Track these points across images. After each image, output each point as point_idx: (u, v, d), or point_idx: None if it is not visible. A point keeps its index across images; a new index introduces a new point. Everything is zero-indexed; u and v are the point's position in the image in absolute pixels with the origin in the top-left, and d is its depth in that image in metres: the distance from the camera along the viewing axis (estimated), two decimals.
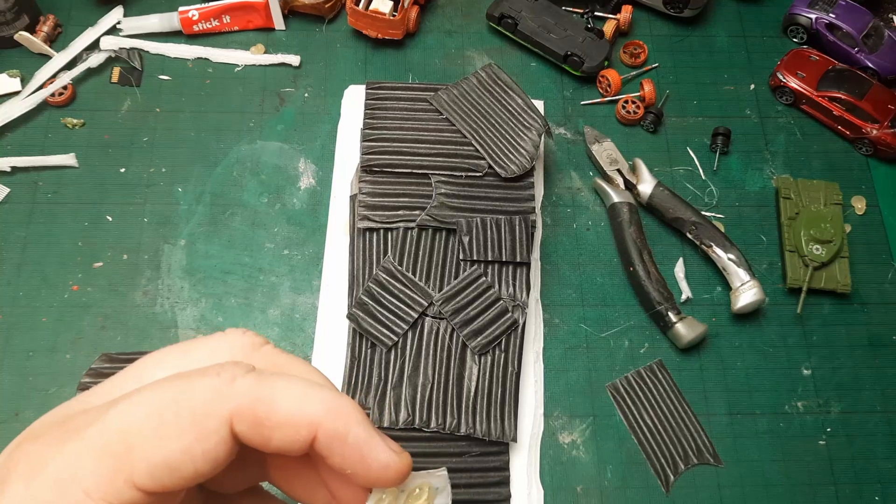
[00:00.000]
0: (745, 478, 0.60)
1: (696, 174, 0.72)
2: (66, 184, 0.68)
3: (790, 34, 0.79)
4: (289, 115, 0.72)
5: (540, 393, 0.62)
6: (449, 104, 0.66)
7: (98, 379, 0.60)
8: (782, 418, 0.63)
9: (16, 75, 0.71)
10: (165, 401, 0.25)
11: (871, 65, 0.75)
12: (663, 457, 0.60)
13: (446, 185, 0.62)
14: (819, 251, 0.66)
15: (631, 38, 0.78)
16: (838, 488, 0.60)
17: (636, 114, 0.73)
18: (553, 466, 0.60)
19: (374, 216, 0.61)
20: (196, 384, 0.25)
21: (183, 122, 0.71)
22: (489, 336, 0.59)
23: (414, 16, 0.75)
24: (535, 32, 0.74)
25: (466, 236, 0.61)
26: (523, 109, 0.66)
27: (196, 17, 0.74)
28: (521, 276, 0.61)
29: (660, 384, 0.63)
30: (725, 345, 0.65)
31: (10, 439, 0.27)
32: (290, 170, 0.70)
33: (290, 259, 0.66)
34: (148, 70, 0.73)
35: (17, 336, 0.62)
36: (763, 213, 0.70)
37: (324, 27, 0.77)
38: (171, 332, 0.63)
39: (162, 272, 0.65)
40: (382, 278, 0.60)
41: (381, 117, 0.65)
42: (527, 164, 0.63)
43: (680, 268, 0.67)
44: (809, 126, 0.75)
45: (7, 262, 0.65)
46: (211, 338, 0.29)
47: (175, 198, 0.68)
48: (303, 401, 0.26)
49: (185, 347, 0.28)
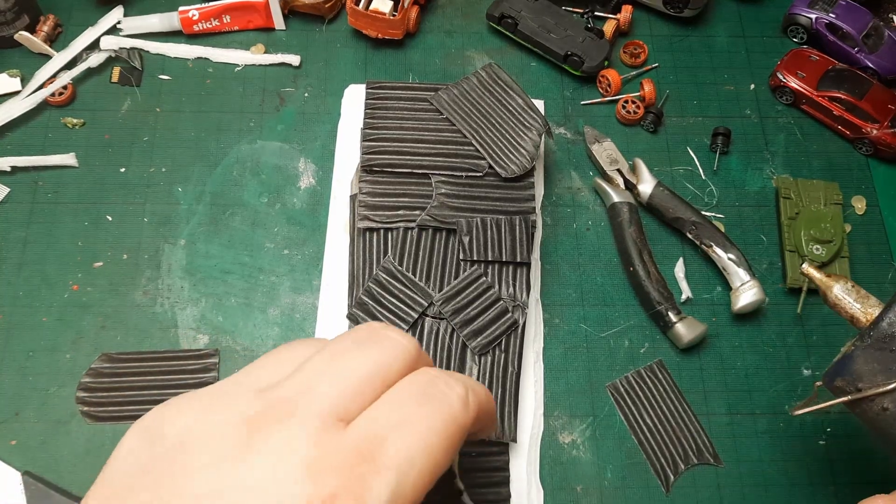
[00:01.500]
0: (745, 478, 0.60)
1: (696, 174, 0.72)
2: (66, 184, 0.68)
3: (790, 34, 0.79)
4: (289, 115, 0.72)
5: (540, 393, 0.62)
6: (449, 104, 0.66)
7: (98, 379, 0.60)
8: (782, 418, 0.63)
9: (16, 75, 0.71)
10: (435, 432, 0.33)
11: (871, 65, 0.75)
12: (663, 457, 0.60)
13: (446, 185, 0.63)
14: (819, 251, 0.66)
15: (631, 38, 0.78)
16: (838, 488, 0.60)
17: (636, 114, 0.73)
18: (553, 466, 0.60)
19: (375, 216, 0.61)
20: (456, 419, 0.34)
21: (183, 122, 0.71)
22: (489, 336, 0.59)
23: (414, 16, 0.75)
24: (535, 32, 0.74)
25: (466, 236, 0.61)
26: (523, 109, 0.66)
27: (196, 16, 0.74)
28: (522, 277, 0.61)
29: (660, 384, 0.63)
30: (725, 345, 0.65)
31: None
32: (290, 170, 0.70)
33: (290, 259, 0.66)
34: (148, 70, 0.73)
35: (17, 336, 0.62)
36: (763, 213, 0.70)
37: (324, 27, 0.77)
38: (171, 331, 0.63)
39: (162, 272, 0.65)
40: (382, 278, 0.60)
41: (381, 117, 0.65)
42: (527, 164, 0.63)
43: (680, 268, 0.67)
44: (809, 126, 0.75)
45: (7, 262, 0.65)
46: (379, 341, 0.35)
47: (175, 198, 0.68)
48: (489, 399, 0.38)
49: (341, 354, 0.34)
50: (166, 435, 0.31)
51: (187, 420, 0.31)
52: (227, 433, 0.30)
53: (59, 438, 0.58)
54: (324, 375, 0.32)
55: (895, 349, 0.44)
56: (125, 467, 0.31)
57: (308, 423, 0.30)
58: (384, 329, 0.36)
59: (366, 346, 0.34)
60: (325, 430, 0.30)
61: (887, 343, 0.44)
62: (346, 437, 0.30)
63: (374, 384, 0.33)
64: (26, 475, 0.56)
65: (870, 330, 0.45)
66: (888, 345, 0.44)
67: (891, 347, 0.44)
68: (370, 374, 0.33)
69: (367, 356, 0.33)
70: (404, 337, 0.35)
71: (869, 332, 0.45)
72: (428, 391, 0.34)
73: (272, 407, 0.31)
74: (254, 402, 0.31)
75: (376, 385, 0.33)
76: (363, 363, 0.33)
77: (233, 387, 0.33)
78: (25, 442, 0.58)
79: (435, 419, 0.33)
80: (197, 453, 0.30)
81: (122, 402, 0.60)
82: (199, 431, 0.30)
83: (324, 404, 0.31)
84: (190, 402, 0.32)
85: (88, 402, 0.60)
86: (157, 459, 0.30)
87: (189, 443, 0.30)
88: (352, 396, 0.32)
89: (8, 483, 0.56)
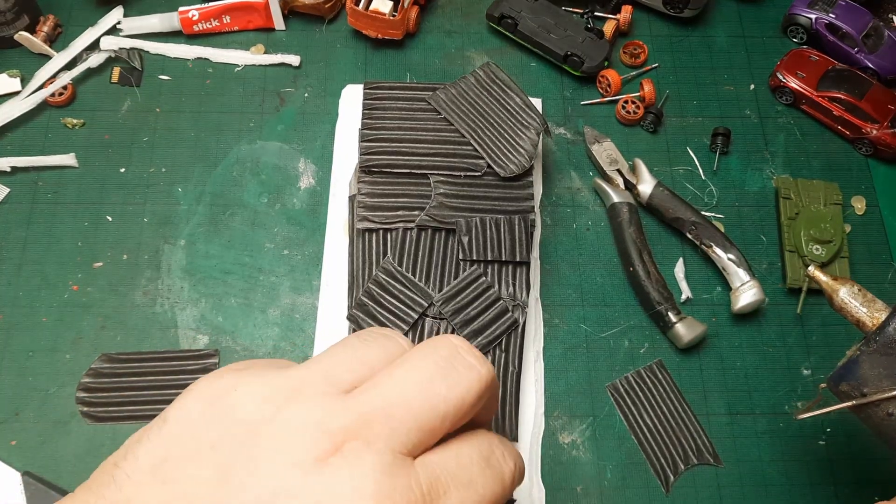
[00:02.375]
0: (745, 478, 0.60)
1: (695, 174, 0.72)
2: (66, 184, 0.68)
3: (790, 34, 0.79)
4: (289, 115, 0.72)
5: (540, 392, 0.62)
6: (447, 103, 0.66)
7: (98, 379, 0.60)
8: (782, 418, 0.63)
9: (16, 75, 0.71)
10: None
11: (871, 65, 0.75)
12: (663, 457, 0.60)
13: (445, 184, 0.63)
14: (819, 251, 0.66)
15: (631, 39, 0.78)
16: (838, 488, 0.60)
17: (636, 114, 0.73)
18: (553, 466, 0.60)
19: (374, 217, 0.61)
20: (505, 491, 0.34)
21: (183, 122, 0.71)
22: (489, 336, 0.59)
23: (414, 16, 0.75)
24: (535, 32, 0.74)
25: (466, 236, 0.61)
26: (522, 108, 0.66)
27: (196, 17, 0.74)
28: (521, 276, 0.61)
29: (660, 384, 0.63)
30: (725, 345, 0.65)
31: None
32: (290, 170, 0.70)
33: (290, 259, 0.66)
34: (148, 70, 0.73)
35: (17, 336, 0.62)
36: (763, 213, 0.70)
37: (324, 27, 0.77)
38: (171, 332, 0.63)
39: (162, 272, 0.65)
40: (382, 279, 0.60)
41: (379, 117, 0.65)
42: (526, 163, 0.63)
43: (680, 268, 0.67)
44: (809, 126, 0.75)
45: (7, 262, 0.65)
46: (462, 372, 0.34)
47: (175, 198, 0.68)
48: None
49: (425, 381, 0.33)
50: (238, 416, 0.30)
51: (263, 407, 0.30)
52: (307, 442, 0.29)
53: (59, 438, 0.58)
54: (404, 402, 0.31)
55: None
56: (189, 432, 0.30)
57: (384, 455, 0.30)
58: (466, 353, 0.34)
59: (447, 374, 0.33)
60: (396, 464, 0.30)
61: (893, 348, 0.44)
62: (414, 476, 0.30)
63: (446, 420, 0.32)
64: (26, 475, 0.56)
65: (876, 335, 0.45)
66: (894, 350, 0.44)
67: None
68: (454, 411, 0.32)
69: (448, 388, 0.32)
70: (484, 365, 0.34)
71: (875, 337, 0.45)
72: (490, 460, 0.34)
73: (353, 428, 0.30)
74: (335, 412, 0.30)
75: (448, 421, 0.32)
76: (442, 396, 0.32)
77: (308, 376, 0.32)
78: (25, 442, 0.58)
79: (489, 489, 0.33)
80: (270, 450, 0.29)
81: (122, 403, 0.60)
82: (278, 428, 0.30)
83: (400, 439, 0.31)
84: (264, 383, 0.31)
85: (88, 402, 0.60)
86: (227, 439, 0.30)
87: (264, 435, 0.30)
88: (426, 433, 0.32)
89: (8, 483, 0.56)
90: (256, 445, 0.29)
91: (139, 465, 0.30)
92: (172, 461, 0.30)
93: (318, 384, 0.32)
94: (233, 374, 0.32)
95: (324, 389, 0.32)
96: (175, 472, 0.29)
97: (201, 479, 0.29)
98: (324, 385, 0.32)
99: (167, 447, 0.30)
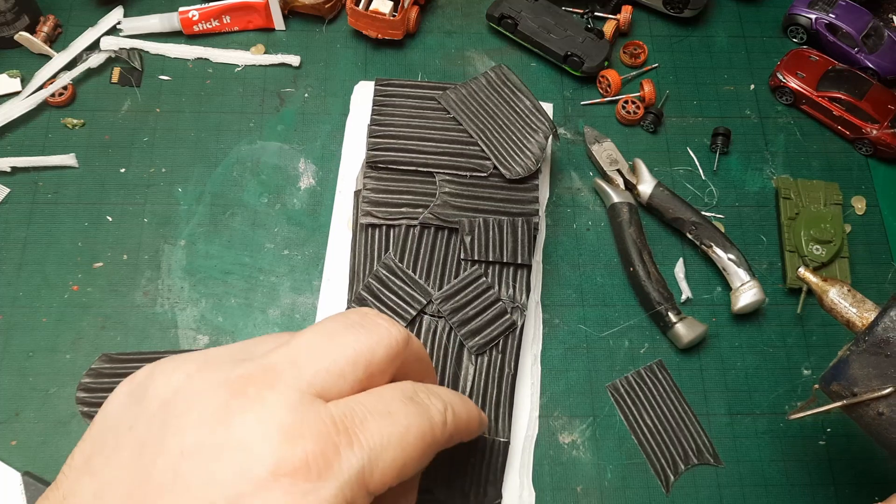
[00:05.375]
0: (745, 478, 0.60)
1: (695, 174, 0.72)
2: (66, 184, 0.68)
3: (790, 34, 0.79)
4: (289, 115, 0.72)
5: (536, 395, 0.62)
6: (457, 103, 0.66)
7: (98, 379, 0.60)
8: (782, 418, 0.63)
9: (16, 75, 0.71)
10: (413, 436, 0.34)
11: (870, 65, 0.75)
12: (663, 457, 0.60)
13: (450, 184, 0.63)
14: (819, 251, 0.66)
15: (631, 39, 0.78)
16: (838, 488, 0.60)
17: (636, 114, 0.73)
18: (553, 467, 0.60)
19: (377, 212, 0.61)
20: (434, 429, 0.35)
21: (183, 122, 0.71)
22: (487, 336, 0.59)
23: (414, 16, 0.75)
24: (535, 32, 0.74)
25: (468, 236, 0.61)
26: (531, 111, 0.66)
27: (196, 17, 0.74)
28: (522, 279, 0.61)
29: (660, 384, 0.63)
30: (725, 345, 0.65)
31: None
32: (290, 170, 0.70)
33: (290, 259, 0.66)
34: (148, 70, 0.74)
35: (17, 336, 0.62)
36: (763, 214, 0.70)
37: (324, 27, 0.77)
38: (171, 332, 0.63)
39: (162, 272, 0.65)
40: (382, 274, 0.60)
41: (388, 114, 0.65)
42: (532, 166, 0.63)
43: (680, 268, 0.67)
44: (809, 126, 0.75)
45: (7, 262, 0.65)
46: (368, 326, 0.35)
47: (175, 198, 0.68)
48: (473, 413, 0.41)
49: (330, 333, 0.35)
50: (153, 395, 0.32)
51: (174, 381, 0.32)
52: (211, 396, 0.31)
53: (59, 438, 0.58)
54: (309, 351, 0.33)
55: (890, 354, 0.44)
56: (110, 423, 0.33)
57: (288, 394, 0.31)
58: (375, 316, 0.36)
59: (354, 330, 0.35)
60: (304, 402, 0.31)
61: (882, 348, 0.44)
62: (324, 410, 0.31)
63: (357, 367, 0.33)
64: (26, 475, 0.56)
65: (865, 335, 0.45)
66: (883, 350, 0.44)
67: (886, 352, 0.44)
68: (355, 356, 0.34)
69: (355, 339, 0.34)
70: (393, 326, 0.36)
71: (864, 337, 0.45)
72: (413, 398, 0.35)
73: (255, 374, 0.32)
74: (239, 368, 0.32)
75: (359, 369, 0.34)
76: (349, 345, 0.34)
77: (223, 353, 0.34)
78: (25, 442, 0.58)
79: (414, 421, 0.33)
80: (180, 414, 0.31)
81: None
82: (185, 392, 0.31)
83: (305, 379, 0.32)
84: (179, 364, 0.33)
85: (88, 402, 0.60)
86: (142, 417, 0.32)
87: (174, 403, 0.31)
88: (334, 375, 0.33)
89: (8, 483, 0.56)
90: (168, 413, 0.31)
91: (74, 464, 0.32)
92: (98, 453, 0.32)
93: (234, 354, 0.34)
94: (155, 363, 0.34)
95: (235, 356, 0.34)
96: (100, 461, 0.31)
97: (122, 461, 0.31)
98: (240, 353, 0.34)
99: (93, 441, 0.33)
